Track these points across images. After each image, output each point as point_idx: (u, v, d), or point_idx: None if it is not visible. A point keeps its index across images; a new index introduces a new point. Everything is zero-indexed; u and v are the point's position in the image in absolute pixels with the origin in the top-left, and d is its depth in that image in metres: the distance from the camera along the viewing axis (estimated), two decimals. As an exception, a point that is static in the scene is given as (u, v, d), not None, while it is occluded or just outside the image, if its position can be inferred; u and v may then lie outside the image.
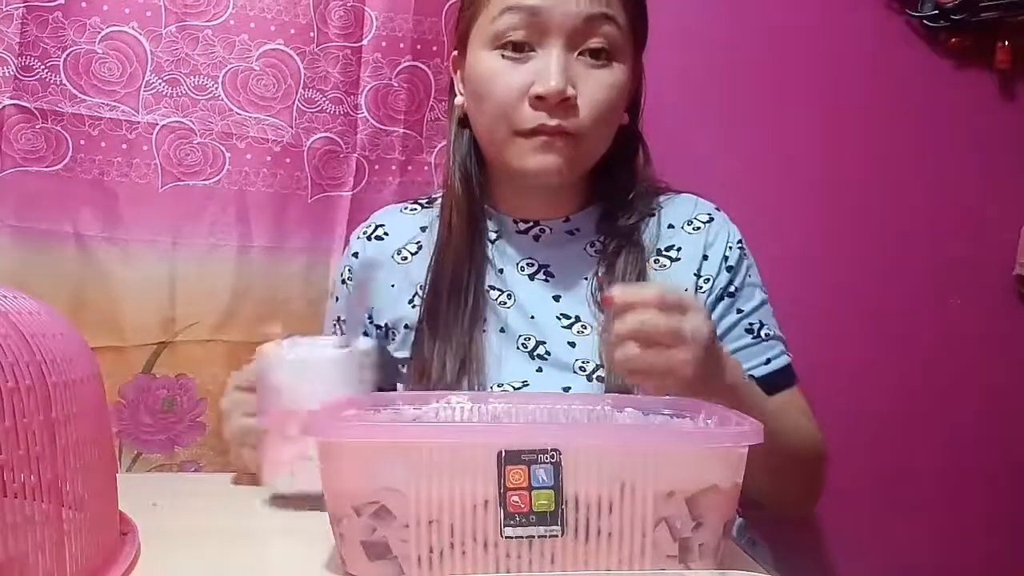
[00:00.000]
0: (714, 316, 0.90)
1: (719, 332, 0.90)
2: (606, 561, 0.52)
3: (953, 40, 1.22)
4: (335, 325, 1.00)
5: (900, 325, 1.25)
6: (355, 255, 0.99)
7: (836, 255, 1.24)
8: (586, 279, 0.92)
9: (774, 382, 0.89)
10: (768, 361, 0.90)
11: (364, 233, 1.00)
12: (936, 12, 1.20)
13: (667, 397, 0.64)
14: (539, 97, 0.82)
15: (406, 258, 0.97)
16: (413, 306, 0.93)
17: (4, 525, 0.45)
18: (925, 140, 1.24)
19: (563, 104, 0.82)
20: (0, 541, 0.44)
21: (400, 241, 0.98)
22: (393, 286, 0.96)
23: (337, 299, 1.01)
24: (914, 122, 1.24)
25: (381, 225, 1.00)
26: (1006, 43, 1.21)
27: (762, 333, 0.91)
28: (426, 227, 0.97)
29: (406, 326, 0.94)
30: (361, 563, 0.53)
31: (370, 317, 0.97)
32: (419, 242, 0.97)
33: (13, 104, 0.96)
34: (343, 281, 1.00)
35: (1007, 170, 1.25)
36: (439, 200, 0.97)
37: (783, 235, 1.19)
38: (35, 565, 0.47)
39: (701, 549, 0.53)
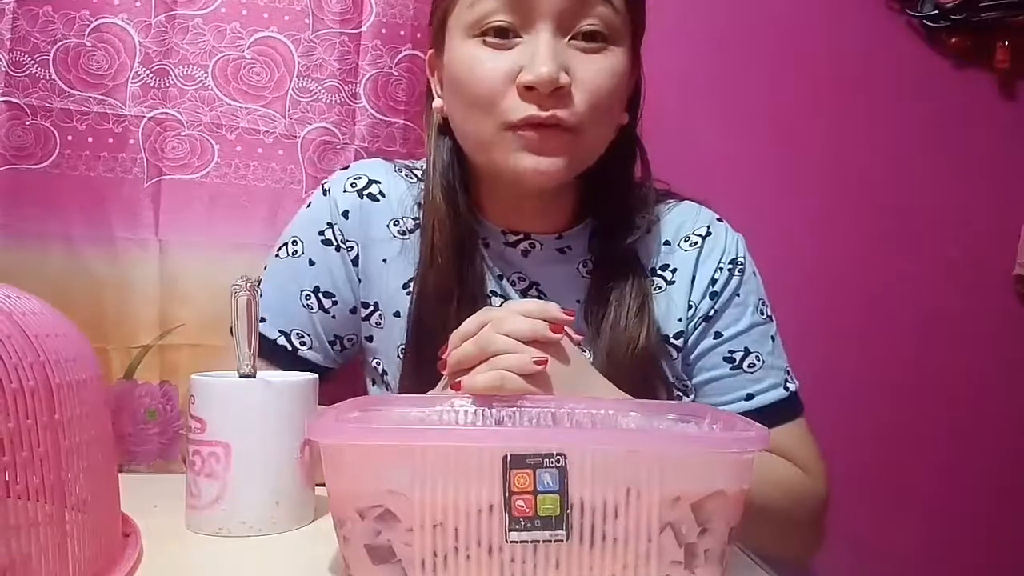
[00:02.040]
0: (692, 340, 0.86)
1: (694, 357, 0.85)
2: (611, 566, 0.53)
3: (953, 40, 1.23)
4: (309, 295, 0.88)
5: (900, 325, 1.26)
6: (345, 214, 0.88)
7: (835, 255, 1.25)
8: (578, 302, 0.86)
9: (759, 420, 0.78)
10: (750, 396, 0.84)
11: (353, 186, 0.89)
12: (936, 12, 1.22)
13: (671, 403, 0.64)
14: (528, 87, 0.74)
15: (404, 232, 0.88)
16: (408, 293, 0.86)
17: (7, 527, 0.45)
18: (925, 140, 1.26)
19: (555, 93, 0.74)
20: (3, 543, 0.45)
21: (397, 210, 0.89)
22: (385, 261, 0.88)
23: (312, 263, 0.88)
24: (914, 122, 1.25)
25: (376, 182, 0.89)
26: (1006, 43, 1.23)
27: (745, 363, 0.84)
28: (421, 205, 0.88)
29: (396, 314, 0.87)
30: (365, 567, 0.53)
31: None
32: (417, 219, 0.88)
33: (4, 101, 0.95)
34: (336, 247, 0.88)
35: (1007, 170, 1.27)
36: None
37: (781, 235, 1.20)
38: (38, 567, 0.47)
39: (707, 555, 0.53)
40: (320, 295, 0.89)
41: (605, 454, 0.53)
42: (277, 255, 0.91)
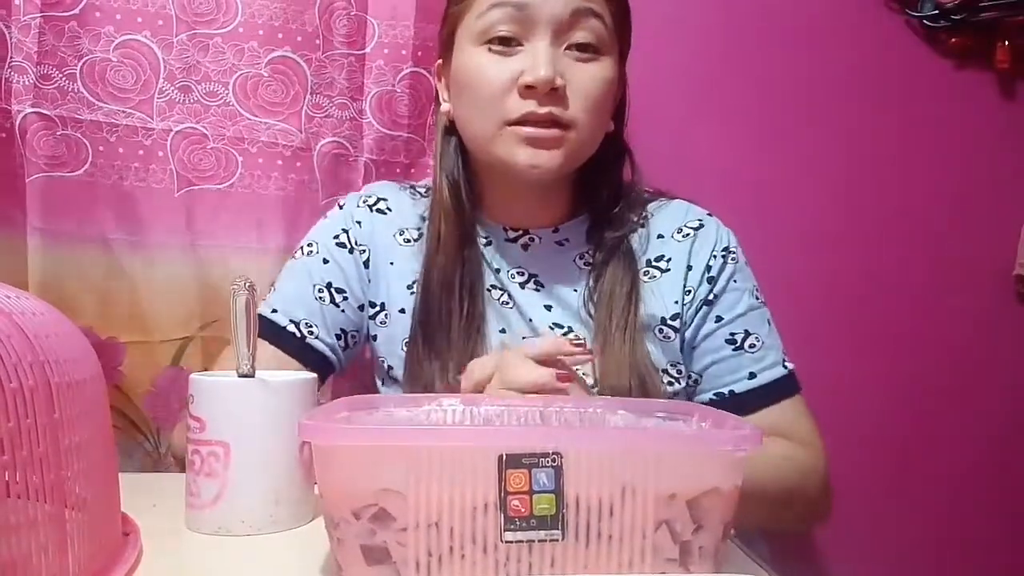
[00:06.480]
0: (694, 326, 0.87)
1: (697, 341, 0.87)
2: (606, 564, 0.50)
3: (953, 40, 1.20)
4: (322, 290, 0.90)
5: (900, 325, 1.23)
6: (359, 223, 0.93)
7: (835, 255, 1.22)
8: (576, 291, 0.89)
9: (762, 396, 0.85)
10: (752, 375, 0.86)
11: (364, 202, 0.94)
12: (936, 12, 1.19)
13: (659, 401, 0.62)
14: (528, 87, 0.80)
15: (408, 240, 0.92)
16: (412, 292, 0.89)
17: (7, 526, 0.44)
18: (925, 140, 1.23)
19: (552, 94, 0.80)
20: (3, 542, 0.43)
21: (402, 222, 0.93)
22: (392, 264, 0.91)
23: (326, 261, 0.91)
24: (914, 122, 1.22)
25: (384, 199, 0.95)
26: (1006, 43, 1.20)
27: (746, 344, 0.86)
28: (426, 218, 0.92)
29: (401, 311, 0.90)
30: (359, 568, 0.51)
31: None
32: (420, 229, 0.92)
33: (34, 112, 0.96)
34: (350, 250, 0.91)
35: (1007, 170, 1.24)
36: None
37: (781, 236, 1.18)
38: (38, 566, 0.45)
39: (701, 551, 0.51)
40: (332, 290, 0.91)
41: (601, 453, 0.51)
42: (295, 256, 0.95)
